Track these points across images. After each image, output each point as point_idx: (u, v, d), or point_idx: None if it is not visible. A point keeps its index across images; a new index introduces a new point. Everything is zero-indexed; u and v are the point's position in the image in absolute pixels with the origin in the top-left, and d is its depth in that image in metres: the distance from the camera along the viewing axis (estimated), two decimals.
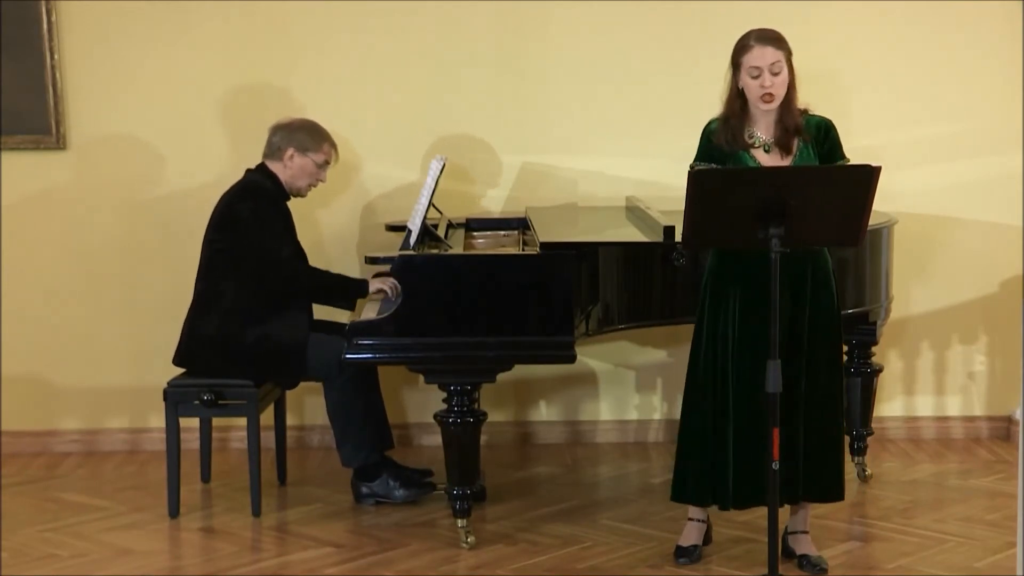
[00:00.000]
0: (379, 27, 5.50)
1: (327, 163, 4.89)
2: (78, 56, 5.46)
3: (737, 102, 3.99)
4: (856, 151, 4.97)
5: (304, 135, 4.84)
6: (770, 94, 3.91)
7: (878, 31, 5.53)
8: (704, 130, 4.06)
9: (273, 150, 4.85)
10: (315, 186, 4.93)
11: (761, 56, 3.91)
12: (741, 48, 3.97)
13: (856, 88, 5.53)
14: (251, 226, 4.70)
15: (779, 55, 3.92)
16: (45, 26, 5.38)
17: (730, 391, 4.02)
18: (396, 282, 4.62)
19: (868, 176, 3.62)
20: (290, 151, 4.81)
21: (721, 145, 3.99)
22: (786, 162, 3.96)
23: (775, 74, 3.91)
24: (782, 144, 3.97)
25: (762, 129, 4.00)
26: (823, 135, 4.01)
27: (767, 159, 3.97)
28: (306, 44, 5.50)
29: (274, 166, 4.85)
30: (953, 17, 5.51)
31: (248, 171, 4.88)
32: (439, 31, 5.50)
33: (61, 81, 5.44)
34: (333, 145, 4.90)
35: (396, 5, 5.48)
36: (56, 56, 5.42)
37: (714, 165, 4.00)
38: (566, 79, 5.54)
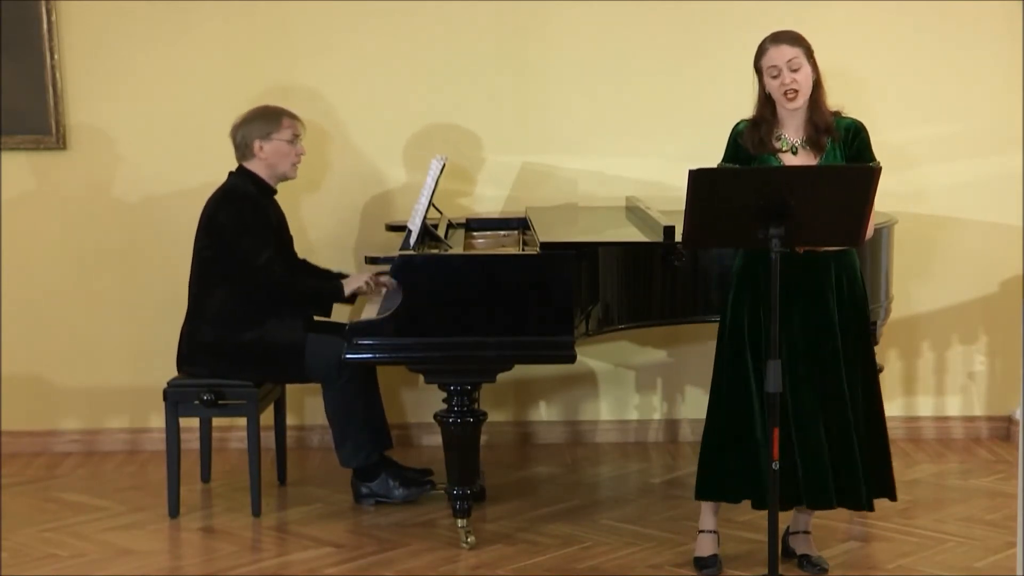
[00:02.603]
0: (379, 27, 5.50)
1: (296, 136, 4.83)
2: (78, 56, 5.46)
3: (767, 107, 4.00)
4: None
5: (260, 122, 4.79)
6: (793, 90, 3.92)
7: (878, 31, 5.53)
8: (732, 131, 4.07)
9: (242, 150, 4.82)
10: (298, 163, 4.86)
11: (778, 55, 3.93)
12: (759, 53, 4.00)
13: (856, 88, 5.52)
14: (231, 233, 4.68)
15: (796, 51, 3.94)
16: (45, 26, 5.38)
17: (754, 391, 4.00)
18: (373, 277, 4.63)
19: (868, 176, 3.62)
20: (256, 143, 4.78)
21: (747, 147, 4.00)
22: (813, 162, 3.97)
23: (794, 70, 3.92)
24: (814, 143, 3.98)
25: (791, 131, 4.00)
26: (852, 137, 4.01)
27: (795, 161, 3.97)
28: (306, 44, 5.50)
29: (251, 165, 4.82)
30: (953, 17, 5.51)
31: (230, 174, 4.86)
32: (439, 31, 5.50)
33: (61, 81, 5.44)
34: (292, 116, 4.84)
35: (396, 5, 5.48)
36: (56, 56, 5.42)
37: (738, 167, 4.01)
38: (566, 79, 5.54)
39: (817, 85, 3.98)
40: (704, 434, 4.13)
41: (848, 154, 3.99)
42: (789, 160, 3.98)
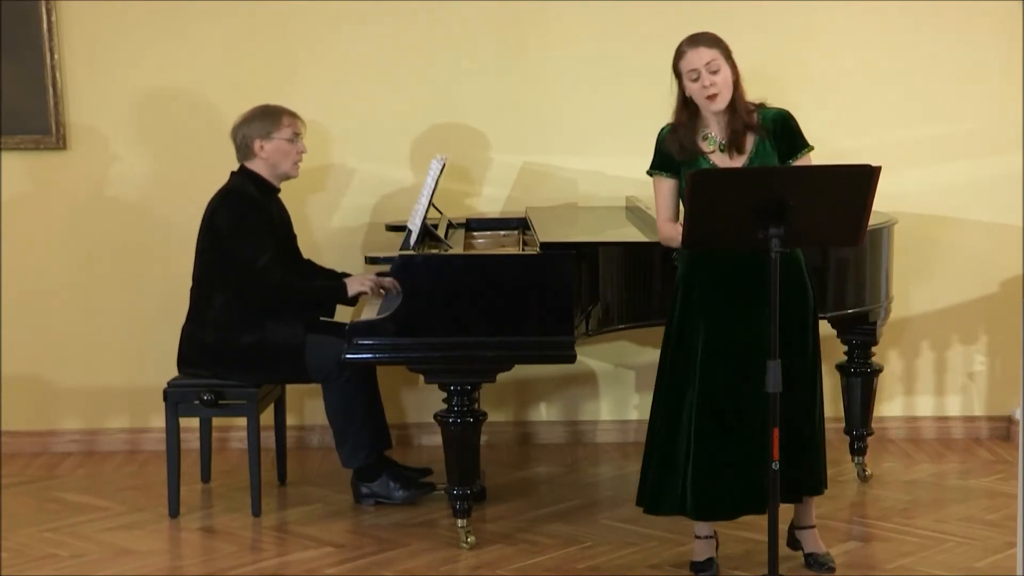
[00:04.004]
0: (378, 27, 5.50)
1: (296, 134, 4.82)
2: (78, 56, 5.46)
3: (684, 112, 4.00)
4: (856, 151, 4.99)
5: (259, 121, 4.79)
6: (713, 93, 3.90)
7: (878, 31, 5.53)
8: (659, 136, 4.06)
9: (243, 150, 4.81)
10: (300, 161, 4.85)
11: (696, 57, 3.93)
12: (677, 56, 3.99)
13: (856, 88, 5.53)
14: (230, 235, 4.68)
15: (713, 53, 3.93)
16: (45, 26, 5.38)
17: (695, 396, 3.97)
18: (376, 280, 4.62)
19: (868, 176, 3.61)
20: (257, 143, 4.78)
21: (671, 153, 3.99)
22: (739, 162, 3.95)
23: (713, 72, 3.91)
24: (734, 143, 3.95)
25: (716, 130, 3.99)
26: (780, 127, 3.98)
27: (723, 160, 3.96)
28: (305, 44, 5.50)
29: (252, 164, 4.81)
30: (953, 17, 5.51)
31: (232, 174, 4.86)
32: (439, 31, 5.50)
33: (61, 81, 5.44)
34: (292, 115, 4.84)
35: (396, 5, 5.48)
36: (56, 56, 5.42)
37: (666, 174, 4.01)
38: (566, 79, 5.54)
39: (736, 85, 3.95)
40: (646, 445, 4.12)
41: (780, 147, 3.97)
42: (718, 159, 3.96)
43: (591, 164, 5.57)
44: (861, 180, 3.63)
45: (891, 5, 5.51)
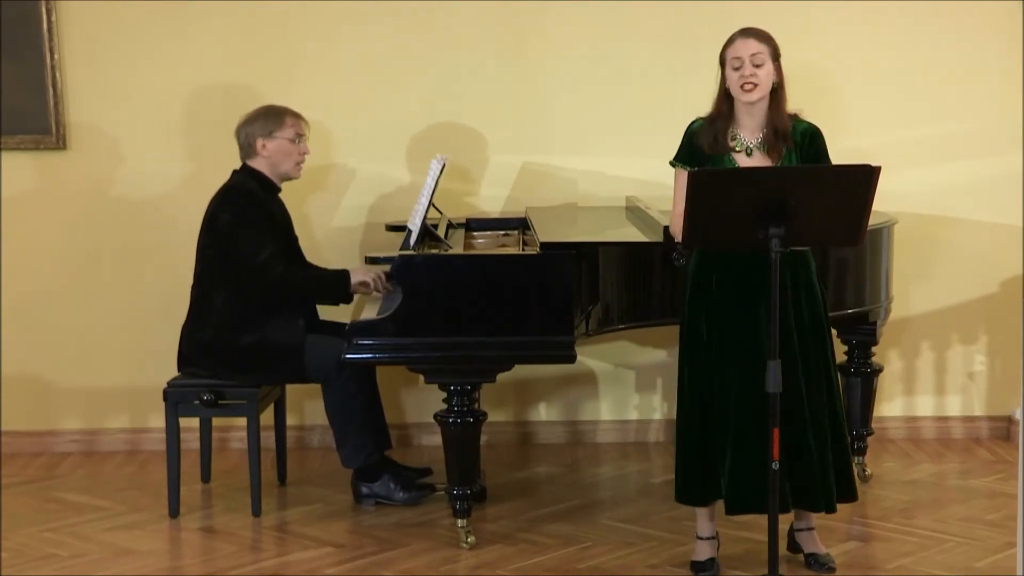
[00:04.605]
0: (378, 27, 5.50)
1: (300, 135, 4.83)
2: (78, 56, 5.46)
3: (725, 103, 3.98)
4: (856, 151, 4.99)
5: (263, 120, 4.80)
6: (751, 83, 3.89)
7: (878, 31, 5.53)
8: (687, 129, 4.04)
9: (246, 149, 4.82)
10: (302, 162, 4.86)
11: (743, 47, 3.92)
12: (726, 44, 3.98)
13: (856, 88, 5.53)
14: (232, 232, 4.68)
15: (761, 47, 3.92)
16: (45, 26, 5.39)
17: (715, 395, 3.98)
18: (379, 274, 4.62)
19: (868, 176, 3.62)
20: (260, 142, 4.78)
21: (702, 146, 3.98)
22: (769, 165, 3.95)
23: (756, 65, 3.90)
24: (771, 146, 3.95)
25: (747, 132, 3.98)
26: (807, 142, 3.98)
27: (748, 163, 3.95)
28: (306, 44, 5.50)
29: (255, 163, 4.82)
30: (953, 17, 5.51)
31: (234, 172, 4.86)
32: (439, 31, 5.50)
33: (61, 81, 5.44)
34: (296, 115, 4.85)
35: (396, 5, 5.48)
36: (56, 56, 5.42)
37: (690, 167, 3.96)
38: (566, 79, 5.54)
39: (779, 88, 3.95)
40: (675, 439, 4.13)
41: (803, 159, 3.96)
42: (743, 161, 3.95)
43: (591, 164, 5.58)
44: (861, 180, 3.63)
45: (891, 5, 5.51)
